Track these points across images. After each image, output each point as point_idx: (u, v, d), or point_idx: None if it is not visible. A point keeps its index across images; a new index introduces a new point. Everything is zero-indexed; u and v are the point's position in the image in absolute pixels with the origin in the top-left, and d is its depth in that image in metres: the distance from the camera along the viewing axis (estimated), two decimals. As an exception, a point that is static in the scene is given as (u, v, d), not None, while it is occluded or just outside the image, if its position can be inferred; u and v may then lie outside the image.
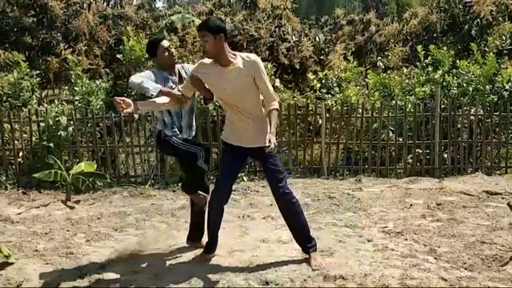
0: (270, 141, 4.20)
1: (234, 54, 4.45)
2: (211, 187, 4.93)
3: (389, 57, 13.58)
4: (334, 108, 9.10)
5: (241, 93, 4.46)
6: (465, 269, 4.62)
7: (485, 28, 12.50)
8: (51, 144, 8.22)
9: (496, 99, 8.99)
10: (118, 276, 4.56)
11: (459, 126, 8.95)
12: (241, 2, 16.16)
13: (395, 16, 22.00)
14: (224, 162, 4.77)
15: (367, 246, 5.30)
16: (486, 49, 10.03)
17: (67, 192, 7.50)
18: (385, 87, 9.76)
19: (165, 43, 4.93)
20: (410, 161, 8.94)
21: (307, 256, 4.77)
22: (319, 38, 15.55)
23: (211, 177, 7.77)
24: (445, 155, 8.95)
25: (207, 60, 4.55)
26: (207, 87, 4.60)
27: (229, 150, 4.71)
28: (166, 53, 4.89)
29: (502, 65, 9.76)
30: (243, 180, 8.24)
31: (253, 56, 4.46)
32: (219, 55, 4.40)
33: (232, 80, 4.40)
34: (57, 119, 8.29)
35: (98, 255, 5.09)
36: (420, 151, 8.92)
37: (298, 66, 13.82)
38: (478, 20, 12.74)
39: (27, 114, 8.41)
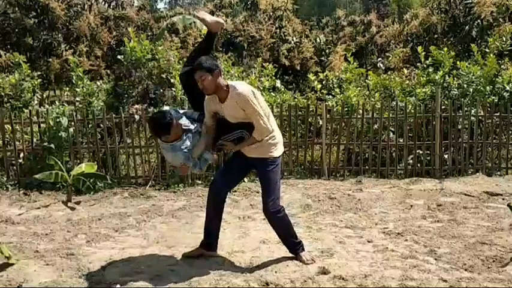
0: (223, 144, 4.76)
1: (227, 87, 4.59)
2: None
3: (390, 58, 13.58)
4: (334, 109, 9.11)
5: (239, 121, 4.66)
6: (465, 270, 4.63)
7: (485, 29, 12.47)
8: (52, 145, 8.23)
9: (496, 100, 8.99)
10: (118, 277, 4.57)
11: (460, 127, 8.94)
12: (242, 3, 16.18)
13: (396, 17, 21.98)
14: (228, 159, 4.94)
15: (368, 247, 5.32)
16: (487, 50, 10.01)
17: (68, 193, 7.51)
18: (385, 88, 9.76)
19: (174, 120, 4.71)
20: (410, 162, 8.93)
21: (295, 256, 4.88)
22: (319, 39, 15.57)
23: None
24: (446, 156, 8.95)
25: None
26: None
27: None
28: (178, 126, 4.76)
29: (502, 66, 9.77)
30: (244, 181, 8.23)
31: (240, 89, 4.58)
32: (216, 91, 4.58)
33: (229, 112, 4.64)
34: (58, 120, 8.30)
35: (99, 256, 5.11)
36: (421, 152, 8.91)
37: (298, 67, 13.85)
38: (479, 21, 12.72)
39: (28, 115, 8.42)
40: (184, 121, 4.84)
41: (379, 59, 15.56)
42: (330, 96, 9.68)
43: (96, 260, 5.01)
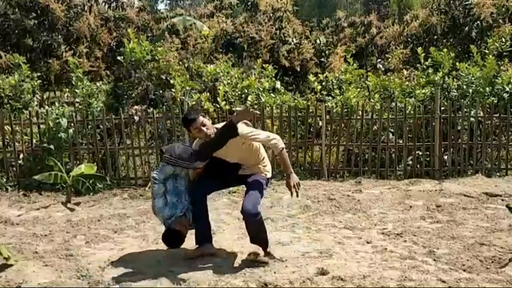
0: (291, 186, 4.87)
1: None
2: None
3: (390, 59, 13.58)
4: (334, 110, 9.11)
5: (237, 155, 4.94)
6: (464, 270, 4.63)
7: (485, 30, 12.49)
8: (52, 146, 8.25)
9: (496, 101, 8.99)
10: (117, 277, 4.58)
11: (459, 128, 8.95)
12: (242, 4, 16.17)
13: (396, 18, 21.97)
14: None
15: (366, 247, 5.32)
16: (486, 51, 10.03)
17: (67, 194, 7.51)
18: (385, 89, 9.77)
19: (182, 231, 4.95)
20: (410, 162, 8.94)
21: (266, 253, 4.92)
22: (320, 40, 15.55)
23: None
24: (445, 157, 8.95)
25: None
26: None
27: None
28: (186, 228, 5.01)
29: (502, 67, 9.77)
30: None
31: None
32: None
33: (232, 151, 4.88)
34: (57, 121, 8.31)
35: (98, 257, 5.11)
36: (420, 153, 8.92)
37: (298, 68, 13.82)
38: (478, 22, 12.73)
39: (28, 116, 8.43)
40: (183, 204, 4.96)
41: (378, 60, 15.54)
42: (330, 97, 9.68)
43: (95, 260, 5.01)
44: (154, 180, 4.94)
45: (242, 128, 4.82)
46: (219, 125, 5.03)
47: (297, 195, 4.96)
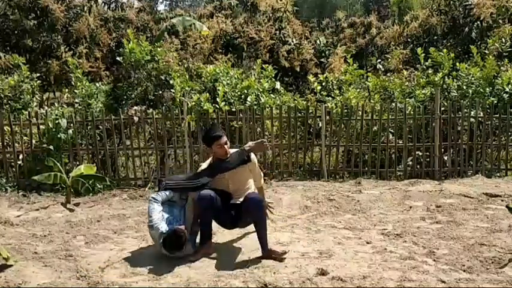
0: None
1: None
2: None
3: (389, 59, 13.58)
4: (334, 111, 9.10)
5: (238, 180, 5.28)
6: (464, 271, 4.63)
7: (485, 31, 12.50)
8: (51, 147, 8.24)
9: (496, 102, 8.99)
10: (117, 278, 4.57)
11: (459, 128, 8.95)
12: (242, 4, 16.19)
13: (396, 19, 21.97)
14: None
15: (366, 248, 5.31)
16: (486, 51, 10.03)
17: (67, 195, 7.50)
18: (385, 89, 9.76)
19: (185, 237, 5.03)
20: (410, 163, 8.93)
21: (269, 253, 4.99)
22: (319, 40, 15.57)
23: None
24: (445, 158, 8.94)
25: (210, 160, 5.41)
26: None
27: None
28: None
29: (502, 68, 9.76)
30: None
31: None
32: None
33: (236, 175, 5.25)
34: (57, 121, 8.30)
35: (97, 258, 5.10)
36: (420, 153, 8.92)
37: (298, 69, 13.84)
38: (478, 22, 12.75)
39: (28, 117, 8.43)
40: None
41: (378, 60, 15.54)
42: (330, 98, 9.67)
43: (94, 261, 5.00)
44: (153, 200, 5.13)
45: (252, 156, 5.38)
46: (233, 150, 5.36)
47: (272, 213, 5.74)
